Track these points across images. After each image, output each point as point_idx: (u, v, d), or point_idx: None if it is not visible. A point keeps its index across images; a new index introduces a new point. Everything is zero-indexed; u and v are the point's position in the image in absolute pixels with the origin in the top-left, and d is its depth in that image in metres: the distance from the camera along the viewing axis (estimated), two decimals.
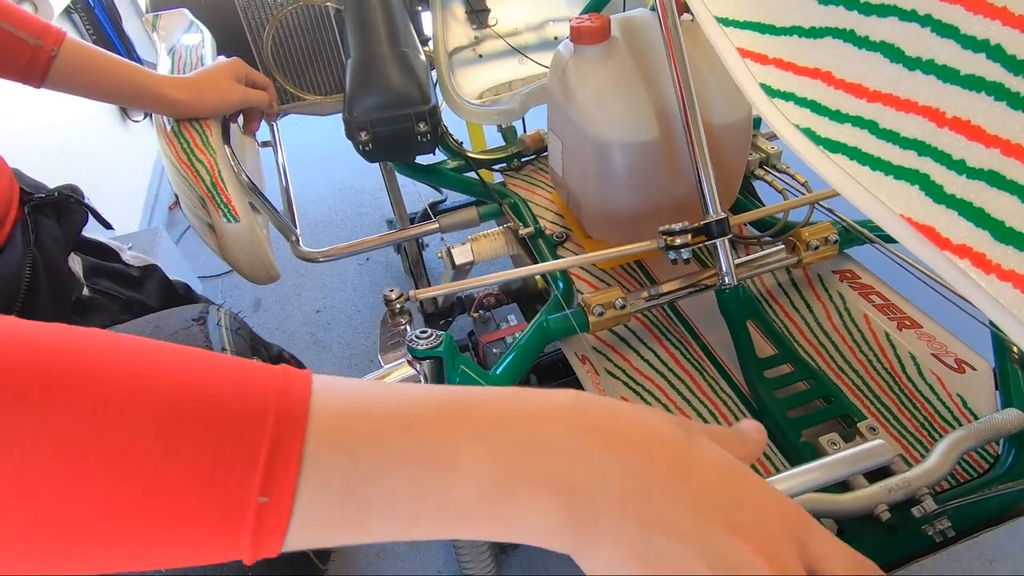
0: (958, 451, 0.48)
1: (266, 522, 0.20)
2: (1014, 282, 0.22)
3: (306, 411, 0.21)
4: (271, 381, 0.22)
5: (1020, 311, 0.22)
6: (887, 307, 0.65)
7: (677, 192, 0.69)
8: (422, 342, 0.52)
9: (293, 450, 0.21)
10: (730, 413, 0.59)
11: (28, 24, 0.53)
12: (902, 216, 0.25)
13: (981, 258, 0.23)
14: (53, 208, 0.58)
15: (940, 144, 0.25)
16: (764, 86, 0.30)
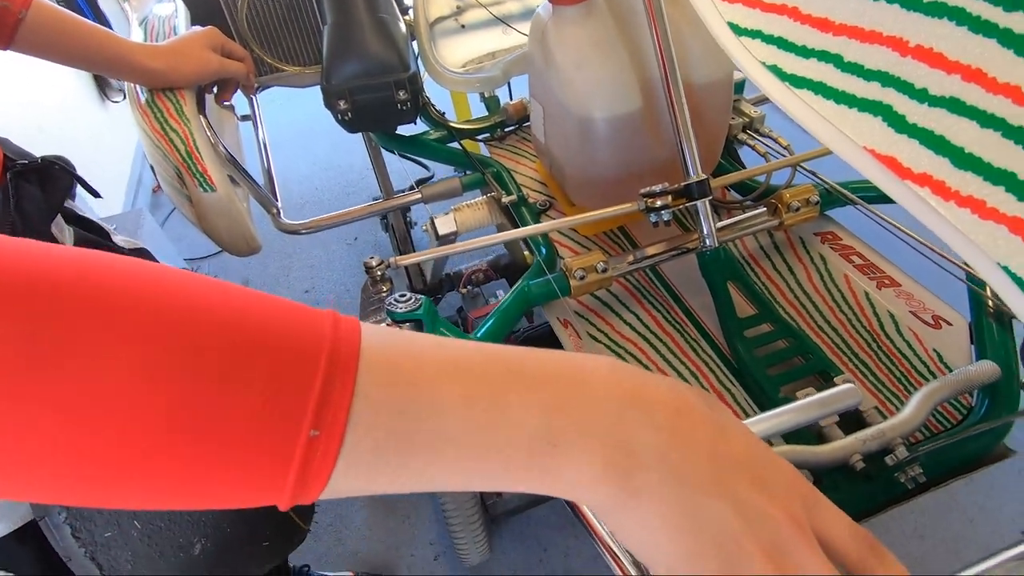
0: (932, 402, 0.48)
1: (315, 457, 0.20)
2: (972, 207, 0.22)
3: (357, 349, 0.21)
4: (322, 319, 0.22)
5: (977, 235, 0.22)
6: (867, 267, 0.66)
7: (659, 156, 0.69)
8: (401, 305, 0.52)
9: (346, 385, 0.20)
10: (711, 373, 0.59)
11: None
12: (865, 148, 0.25)
13: (941, 185, 0.23)
14: (37, 175, 0.57)
15: (903, 74, 0.25)
16: (731, 24, 0.29)
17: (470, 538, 1.06)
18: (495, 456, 0.22)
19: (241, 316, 0.20)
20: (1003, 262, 0.21)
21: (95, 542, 0.33)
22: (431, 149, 0.91)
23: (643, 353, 0.61)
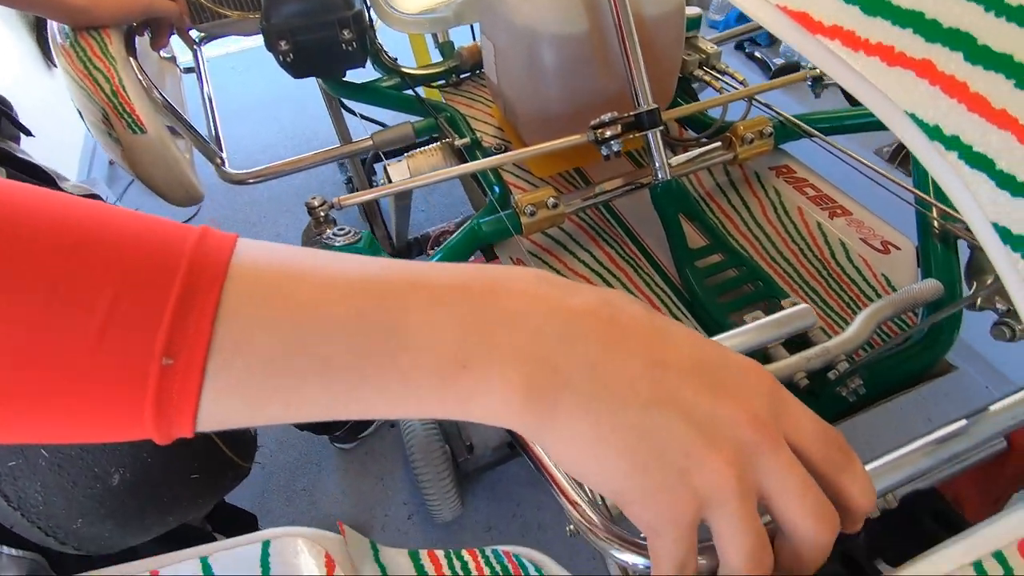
0: (876, 320, 0.48)
1: (173, 385, 0.17)
2: (880, 55, 0.21)
3: (226, 263, 0.19)
4: (188, 232, 0.19)
5: (884, 83, 0.21)
6: (820, 198, 0.65)
7: (610, 89, 0.67)
8: (340, 239, 0.50)
9: (207, 304, 0.18)
10: (663, 305, 0.59)
11: None
12: (778, 7, 0.23)
13: (851, 36, 0.22)
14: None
15: None
16: None
17: (441, 495, 1.06)
18: (397, 381, 0.20)
19: (89, 231, 0.18)
20: (910, 109, 0.20)
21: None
22: (384, 96, 0.88)
23: None
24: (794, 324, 0.46)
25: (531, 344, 0.20)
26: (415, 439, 1.07)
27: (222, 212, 1.97)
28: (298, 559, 0.27)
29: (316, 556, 0.28)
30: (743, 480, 0.20)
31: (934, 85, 0.20)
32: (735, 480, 0.20)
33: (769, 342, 0.46)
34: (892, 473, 0.30)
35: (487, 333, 0.20)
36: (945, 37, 0.20)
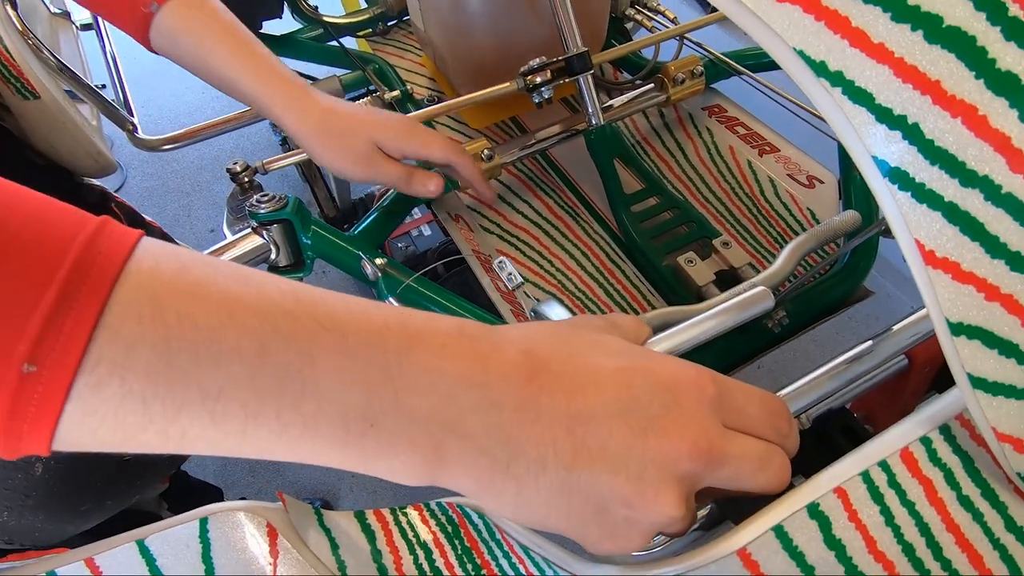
0: (799, 253, 0.50)
1: (31, 400, 0.15)
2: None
3: (119, 266, 0.17)
4: (82, 226, 0.17)
5: (775, 21, 0.21)
6: (750, 136, 0.66)
7: (539, 34, 0.65)
8: (264, 206, 0.48)
9: (88, 308, 0.16)
10: (601, 252, 0.60)
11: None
12: None
13: None
14: None
15: None
16: None
17: None
18: (299, 427, 0.18)
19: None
20: (798, 46, 0.21)
21: None
22: (306, 48, 0.83)
23: (535, 239, 0.60)
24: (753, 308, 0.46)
25: (443, 409, 0.19)
26: None
27: (151, 182, 1.86)
28: (239, 532, 0.27)
29: (258, 528, 0.28)
30: (690, 504, 0.21)
31: (819, 20, 0.20)
32: (684, 510, 0.20)
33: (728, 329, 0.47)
34: (804, 396, 0.32)
35: (398, 393, 0.19)
36: None
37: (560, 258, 0.59)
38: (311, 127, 0.44)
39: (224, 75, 0.43)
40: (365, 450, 0.19)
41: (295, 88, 0.44)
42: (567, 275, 0.58)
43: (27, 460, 0.32)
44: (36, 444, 0.16)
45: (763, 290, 0.46)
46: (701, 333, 0.44)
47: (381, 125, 0.46)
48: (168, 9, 0.41)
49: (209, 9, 0.43)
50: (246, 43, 0.43)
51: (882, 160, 0.20)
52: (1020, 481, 0.22)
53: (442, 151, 0.48)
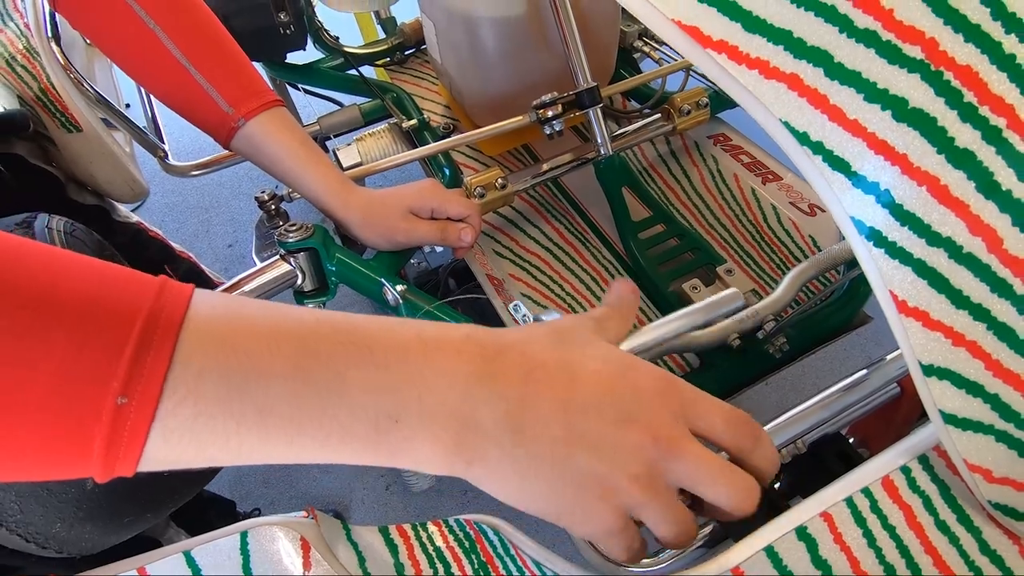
0: (801, 280, 0.53)
1: (125, 425, 0.19)
2: (759, 68, 0.24)
3: (182, 314, 0.20)
4: (147, 285, 0.21)
5: (763, 94, 0.23)
6: (754, 164, 0.69)
7: (552, 68, 0.68)
8: (292, 235, 0.51)
9: (163, 350, 0.19)
10: (610, 277, 0.62)
11: (230, 89, 0.49)
12: (673, 20, 0.25)
13: (735, 51, 0.24)
14: None
15: None
16: None
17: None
18: (337, 434, 0.22)
19: (52, 280, 0.19)
20: (783, 117, 0.23)
21: None
22: (327, 77, 0.87)
23: (547, 264, 0.63)
24: (723, 308, 0.49)
25: (459, 404, 0.23)
26: None
27: (172, 199, 1.91)
28: (275, 545, 0.30)
29: (292, 541, 0.30)
30: (655, 487, 0.24)
31: (802, 97, 0.23)
32: (649, 491, 0.24)
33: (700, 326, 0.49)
34: (800, 423, 0.35)
35: (421, 395, 0.23)
36: (810, 54, 0.22)
37: (570, 282, 0.62)
38: (358, 218, 0.53)
39: (291, 174, 0.52)
40: (393, 447, 0.23)
41: (343, 186, 0.53)
42: (576, 298, 0.60)
43: None
44: (126, 466, 0.20)
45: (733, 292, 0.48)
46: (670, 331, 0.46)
47: (410, 194, 0.54)
48: (253, 123, 0.50)
49: (281, 123, 0.51)
50: (310, 151, 0.52)
51: (859, 220, 0.22)
52: (992, 508, 0.24)
53: (458, 207, 0.55)
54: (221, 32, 0.51)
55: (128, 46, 0.48)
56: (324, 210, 0.54)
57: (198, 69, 0.48)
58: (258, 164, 0.54)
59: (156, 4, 0.47)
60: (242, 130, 0.50)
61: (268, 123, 0.51)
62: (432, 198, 0.54)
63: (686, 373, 0.54)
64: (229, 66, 0.50)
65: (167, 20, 0.47)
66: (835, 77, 0.22)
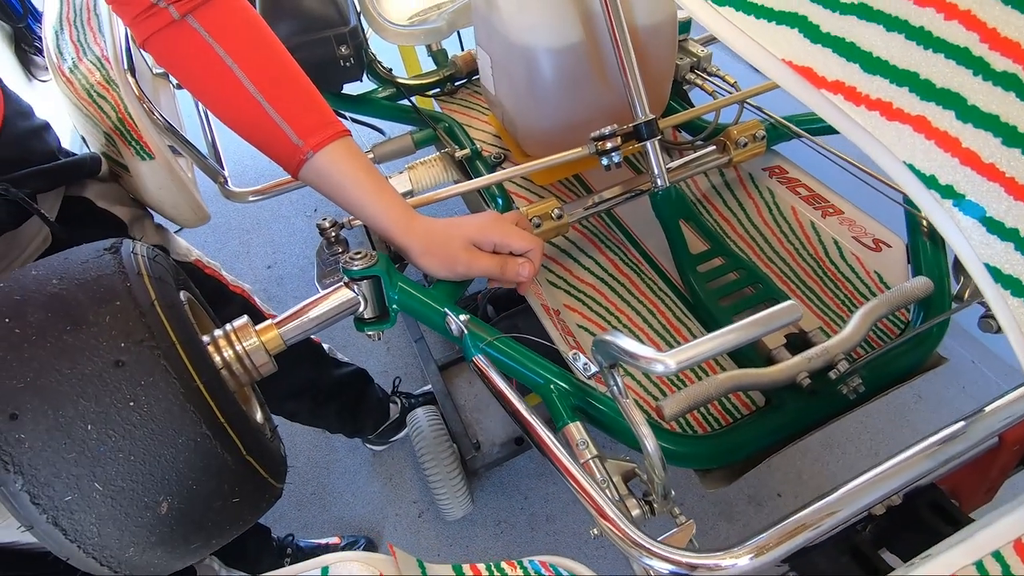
0: (871, 318, 0.51)
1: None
2: (880, 110, 0.23)
3: None
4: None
5: (884, 136, 0.23)
6: (813, 197, 0.68)
7: (607, 100, 0.69)
8: (357, 262, 0.51)
9: None
10: (667, 310, 0.61)
11: (300, 122, 0.51)
12: (784, 61, 0.25)
13: (852, 91, 0.24)
14: None
15: None
16: None
17: (451, 493, 1.09)
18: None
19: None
20: (908, 160, 0.23)
21: (56, 507, 0.33)
22: (380, 107, 0.89)
23: (602, 295, 0.63)
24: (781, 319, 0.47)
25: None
26: (424, 440, 1.10)
27: (214, 219, 1.95)
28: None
29: None
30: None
31: (929, 139, 0.22)
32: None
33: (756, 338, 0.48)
34: (897, 477, 0.33)
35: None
36: (938, 97, 0.22)
37: (626, 314, 0.61)
38: (420, 247, 0.54)
39: (355, 203, 0.54)
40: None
41: (406, 215, 0.55)
42: (633, 331, 0.59)
43: (155, 500, 0.35)
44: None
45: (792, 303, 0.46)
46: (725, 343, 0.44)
47: (473, 227, 0.55)
48: (320, 154, 0.52)
49: (347, 153, 0.53)
50: (374, 180, 0.54)
51: (994, 267, 0.21)
52: None
53: (520, 242, 0.55)
54: (293, 68, 0.53)
55: (208, 82, 0.51)
56: (386, 237, 0.55)
57: (271, 104, 0.50)
58: (324, 193, 0.55)
59: (235, 43, 0.49)
60: (309, 162, 0.52)
61: (334, 154, 0.52)
62: (494, 232, 0.55)
63: (751, 412, 0.52)
64: (300, 101, 0.52)
65: (244, 59, 0.49)
66: (968, 120, 0.21)
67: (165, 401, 0.35)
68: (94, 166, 0.62)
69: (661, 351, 0.58)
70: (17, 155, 0.56)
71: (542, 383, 0.50)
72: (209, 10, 0.48)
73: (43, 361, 0.33)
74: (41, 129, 0.60)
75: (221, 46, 0.49)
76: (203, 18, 0.48)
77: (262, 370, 0.48)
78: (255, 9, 0.53)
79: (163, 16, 0.47)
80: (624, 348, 0.38)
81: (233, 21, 0.50)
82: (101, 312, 0.35)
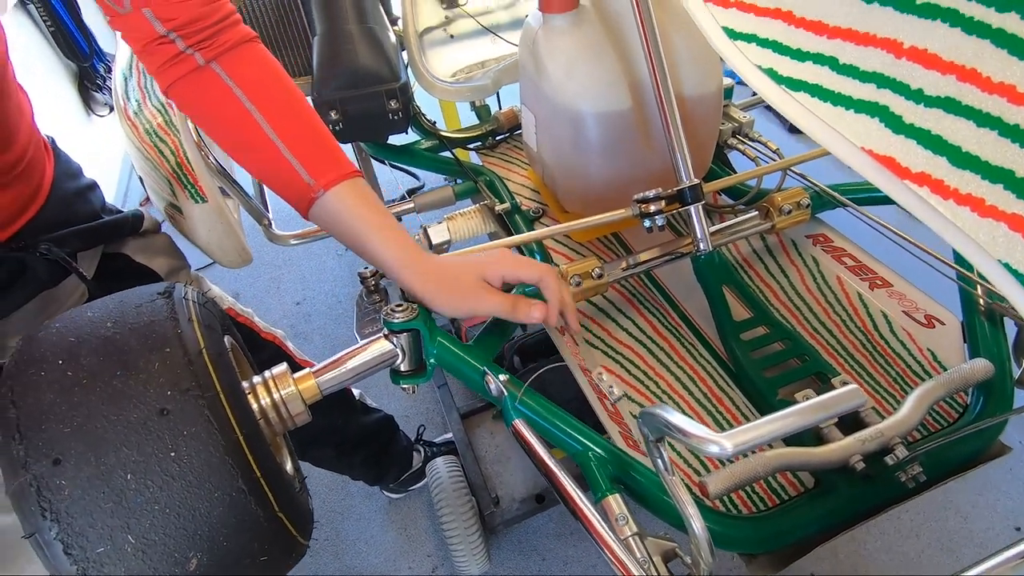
0: (928, 401, 0.49)
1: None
2: (971, 205, 0.22)
3: None
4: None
5: (977, 233, 0.22)
6: (859, 268, 0.66)
7: (651, 162, 0.69)
8: (398, 315, 0.51)
9: None
10: (708, 378, 0.59)
11: (313, 163, 0.52)
12: (863, 149, 0.25)
13: (939, 184, 0.23)
14: None
15: (899, 75, 0.25)
16: (726, 29, 0.29)
17: (469, 550, 1.05)
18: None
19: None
20: (1003, 259, 0.22)
21: (87, 558, 0.32)
22: (423, 159, 0.91)
23: (640, 359, 0.61)
24: (842, 406, 0.46)
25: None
26: (443, 492, 1.07)
27: None
28: None
29: None
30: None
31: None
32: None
33: (816, 424, 0.46)
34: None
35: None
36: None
37: (665, 379, 0.59)
38: (431, 285, 0.52)
39: (365, 242, 0.53)
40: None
41: (416, 254, 0.54)
42: (672, 397, 0.58)
43: (185, 555, 0.34)
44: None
45: (854, 388, 0.44)
46: (785, 427, 0.41)
47: (482, 263, 0.54)
48: (331, 193, 0.52)
49: (358, 193, 0.54)
50: (383, 219, 0.54)
51: None
52: None
53: (529, 271, 0.54)
54: (308, 110, 0.55)
55: (227, 124, 0.53)
56: (395, 276, 0.54)
57: (285, 144, 0.52)
58: (335, 234, 0.55)
59: (255, 88, 0.51)
60: (320, 200, 0.52)
61: (345, 193, 0.53)
62: (504, 266, 0.54)
63: (799, 493, 0.50)
64: (314, 141, 0.53)
65: (263, 102, 0.51)
66: None
67: (205, 453, 0.34)
68: (135, 224, 0.64)
69: (704, 422, 0.56)
70: (62, 216, 0.58)
71: (580, 449, 0.48)
72: (231, 57, 0.51)
73: (91, 406, 0.33)
74: (87, 189, 0.63)
75: (242, 90, 0.51)
76: (226, 64, 0.51)
77: (297, 420, 0.48)
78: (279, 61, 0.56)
79: (189, 63, 0.50)
80: (675, 424, 0.36)
81: (253, 68, 0.52)
82: (151, 358, 0.35)
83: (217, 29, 0.50)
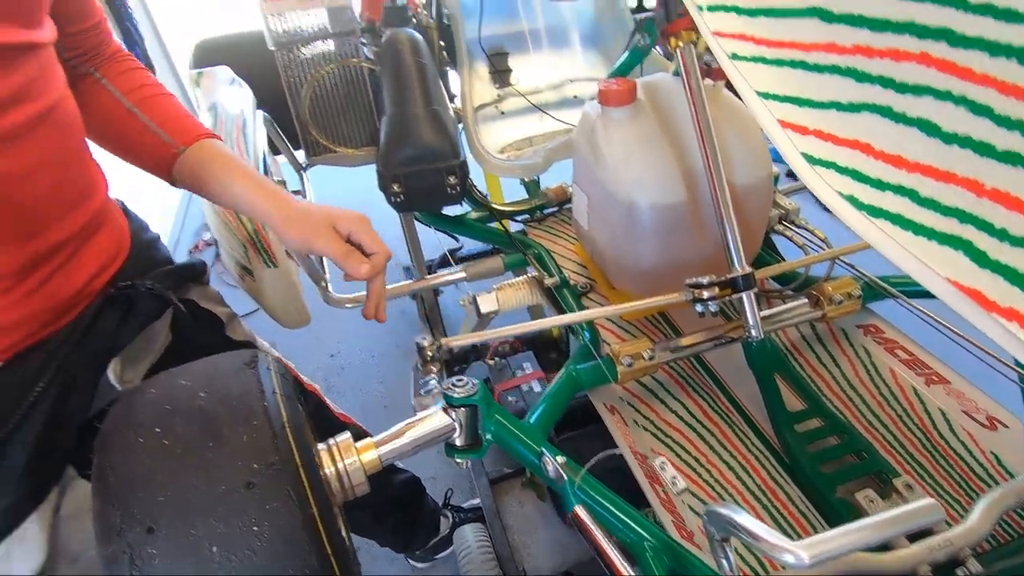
0: (998, 510, 0.47)
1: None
2: None
3: None
4: None
5: None
6: (913, 362, 0.66)
7: (702, 248, 0.71)
8: (458, 390, 0.53)
9: None
10: (762, 468, 0.59)
11: (170, 125, 0.60)
12: (948, 279, 0.26)
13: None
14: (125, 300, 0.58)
15: (981, 213, 0.26)
16: (805, 155, 0.32)
17: None
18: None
19: None
20: None
21: None
22: (474, 229, 0.95)
23: (691, 443, 0.61)
24: (919, 520, 0.44)
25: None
26: (471, 564, 1.04)
27: None
28: None
29: None
30: None
31: None
32: None
33: (891, 538, 0.45)
34: None
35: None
36: None
37: (718, 468, 0.59)
38: (283, 215, 0.58)
39: (228, 187, 0.59)
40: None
41: (274, 191, 0.60)
42: (726, 487, 0.57)
43: None
44: None
45: (931, 504, 0.42)
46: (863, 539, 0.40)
47: (337, 214, 0.60)
48: (191, 150, 0.59)
49: (219, 148, 0.61)
50: (244, 166, 0.60)
51: None
52: None
53: (371, 243, 0.60)
54: (163, 90, 0.62)
55: (98, 115, 0.59)
56: (253, 210, 0.59)
57: (145, 114, 0.59)
58: (200, 191, 0.61)
59: (118, 77, 0.60)
60: (182, 157, 0.59)
61: (203, 149, 0.59)
62: (355, 224, 0.59)
63: None
64: (171, 111, 0.61)
65: (122, 85, 0.60)
66: None
67: (286, 528, 0.35)
68: (202, 269, 0.68)
69: (761, 518, 0.55)
70: (144, 263, 0.62)
71: (635, 539, 0.48)
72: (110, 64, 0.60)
73: (184, 476, 0.35)
74: (156, 240, 0.68)
75: (109, 81, 0.59)
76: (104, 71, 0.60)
77: (357, 491, 0.48)
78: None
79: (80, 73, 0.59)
80: (744, 527, 0.36)
81: (121, 66, 0.61)
82: (239, 431, 0.37)
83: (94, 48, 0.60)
